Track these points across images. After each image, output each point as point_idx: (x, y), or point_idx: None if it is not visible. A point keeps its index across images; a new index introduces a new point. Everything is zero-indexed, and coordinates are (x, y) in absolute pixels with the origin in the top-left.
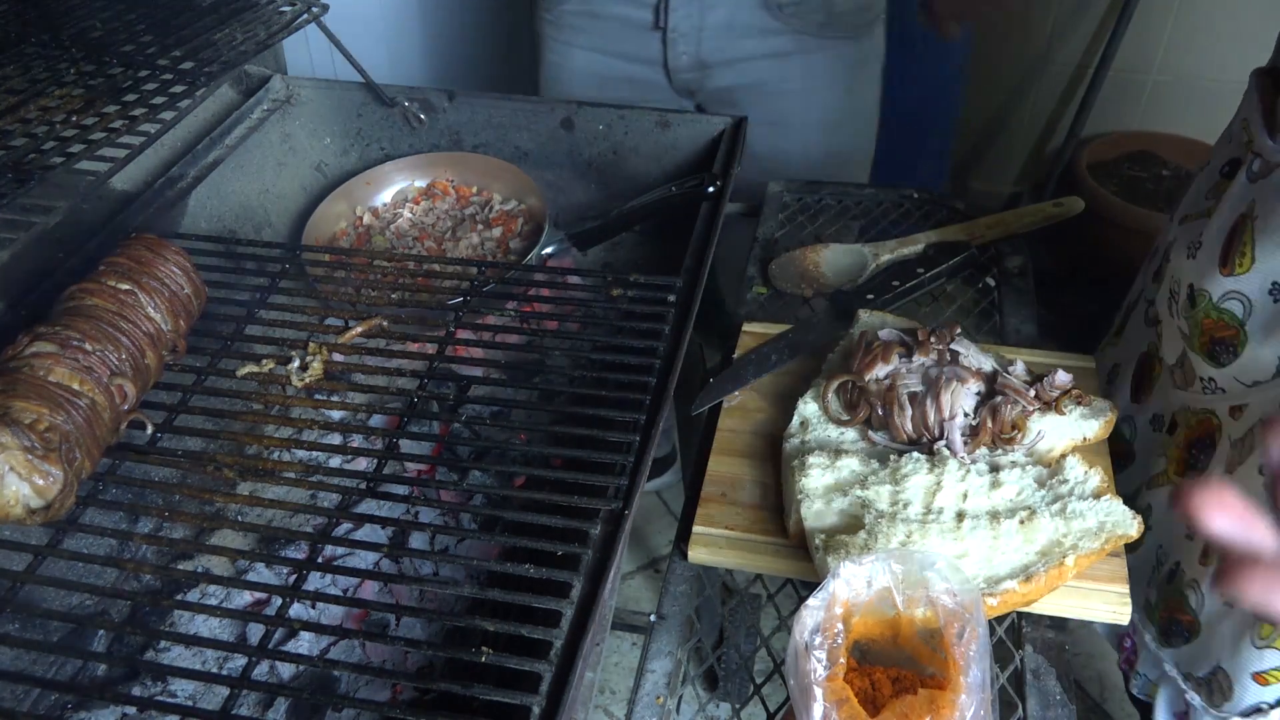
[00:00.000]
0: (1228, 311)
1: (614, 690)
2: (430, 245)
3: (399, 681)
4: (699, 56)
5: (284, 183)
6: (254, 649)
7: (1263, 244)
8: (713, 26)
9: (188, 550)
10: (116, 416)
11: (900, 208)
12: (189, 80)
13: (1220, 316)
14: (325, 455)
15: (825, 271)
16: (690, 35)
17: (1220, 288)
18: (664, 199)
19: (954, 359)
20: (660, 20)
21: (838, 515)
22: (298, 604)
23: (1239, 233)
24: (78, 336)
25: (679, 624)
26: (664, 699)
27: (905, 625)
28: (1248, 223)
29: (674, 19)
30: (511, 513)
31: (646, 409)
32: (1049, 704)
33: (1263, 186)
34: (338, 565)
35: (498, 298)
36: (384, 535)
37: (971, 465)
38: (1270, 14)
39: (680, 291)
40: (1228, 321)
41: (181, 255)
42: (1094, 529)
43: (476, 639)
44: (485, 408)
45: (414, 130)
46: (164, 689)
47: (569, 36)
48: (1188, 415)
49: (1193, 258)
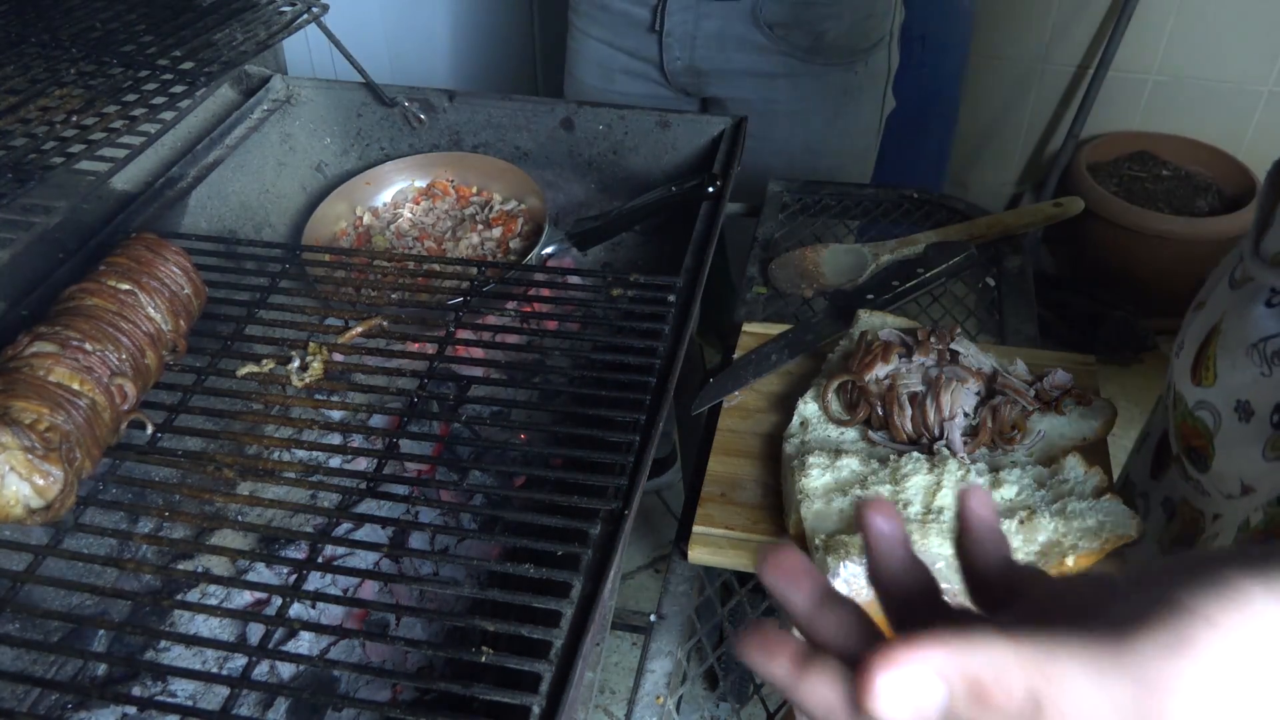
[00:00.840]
0: (1200, 421)
1: (614, 690)
2: (430, 245)
3: (399, 681)
4: (692, 63)
5: (284, 183)
6: (254, 649)
7: (1223, 359)
8: (705, 35)
9: (188, 550)
10: (117, 416)
11: (900, 208)
12: (189, 80)
13: (1194, 424)
14: (325, 455)
15: (825, 271)
16: (685, 41)
17: (1193, 396)
18: (664, 199)
19: (954, 359)
20: (657, 23)
21: (838, 515)
22: (298, 604)
23: (1208, 343)
24: (78, 336)
25: (679, 624)
26: (664, 699)
27: None
28: (1215, 334)
29: (670, 23)
30: (511, 513)
31: (647, 409)
32: None
33: (1236, 297)
34: (338, 565)
35: (498, 298)
36: (384, 535)
37: (971, 465)
38: (1270, 14)
39: (680, 291)
40: (1200, 431)
41: (181, 255)
42: (1094, 529)
43: (476, 639)
44: (485, 408)
45: (414, 130)
46: (164, 689)
47: (585, 25)
48: (1185, 509)
49: (1176, 356)
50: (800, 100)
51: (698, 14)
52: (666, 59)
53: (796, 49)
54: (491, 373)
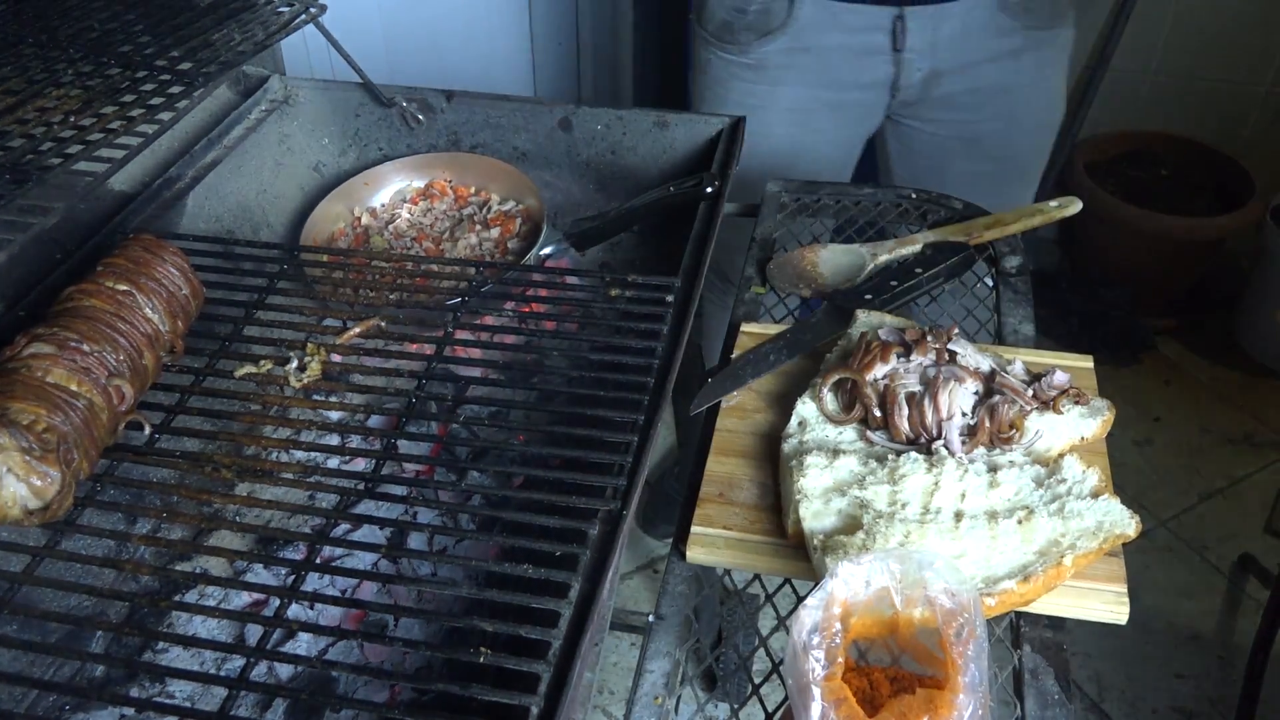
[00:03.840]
0: None
1: (613, 690)
2: (428, 246)
3: (397, 682)
4: (933, 68)
5: (282, 183)
6: (252, 650)
7: None
8: (948, 38)
9: (186, 551)
10: (114, 417)
11: (898, 207)
12: (187, 81)
13: None
14: (323, 456)
15: (823, 271)
16: (926, 51)
17: None
18: (662, 199)
19: (952, 359)
20: (899, 42)
21: (836, 515)
22: (296, 605)
23: None
24: (75, 338)
25: (677, 624)
26: (662, 699)
27: (903, 625)
28: None
29: (910, 39)
30: (510, 513)
31: (645, 409)
32: (1047, 704)
33: None
34: (336, 566)
35: (496, 298)
36: (382, 536)
37: (969, 465)
38: (1267, 14)
39: (678, 292)
40: None
41: (179, 256)
42: (1092, 529)
43: (475, 639)
44: (483, 408)
45: (412, 131)
46: (162, 690)
47: (775, 76)
48: None
49: None
50: (1040, 66)
51: (936, 20)
52: (904, 74)
53: (1041, 18)
54: (490, 373)
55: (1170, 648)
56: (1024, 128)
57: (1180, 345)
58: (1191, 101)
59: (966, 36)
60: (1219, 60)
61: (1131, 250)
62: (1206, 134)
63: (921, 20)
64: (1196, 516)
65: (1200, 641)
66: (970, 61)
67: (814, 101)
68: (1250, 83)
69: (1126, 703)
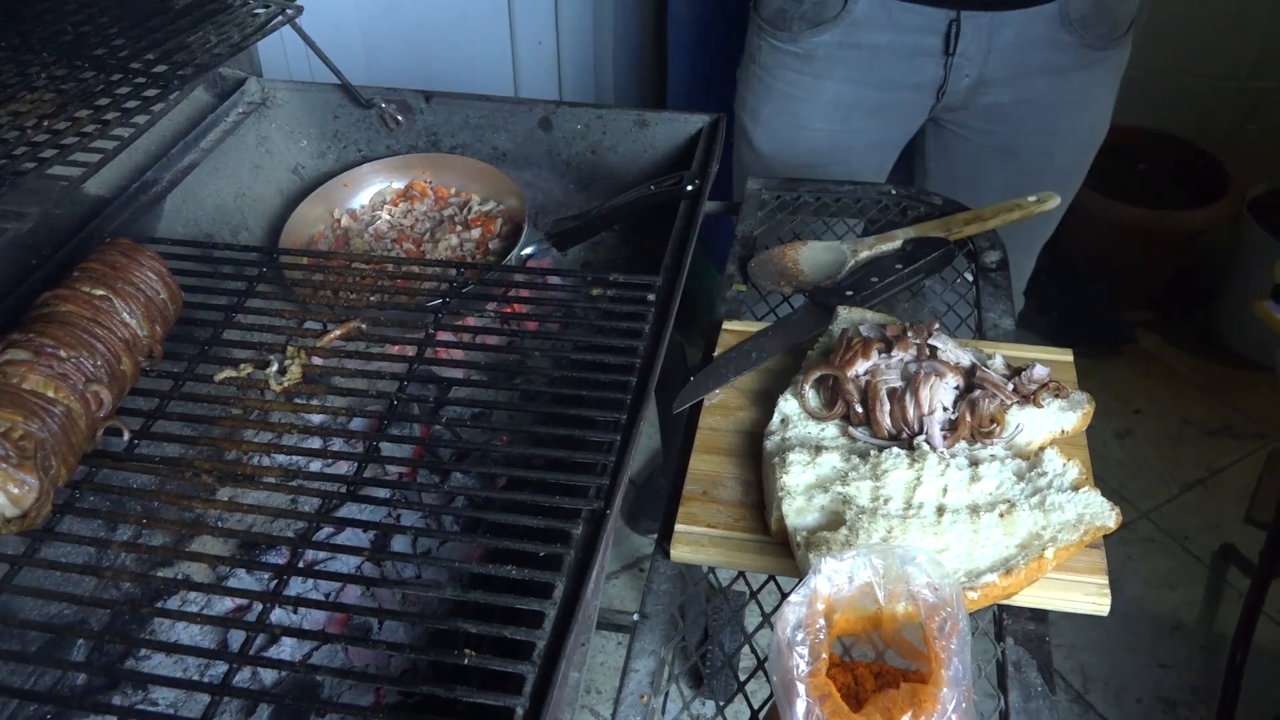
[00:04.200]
0: None
1: (600, 690)
2: (409, 247)
3: (382, 685)
4: (982, 76)
5: (260, 186)
6: (235, 655)
7: None
8: (1001, 47)
9: (167, 557)
10: (92, 424)
11: (878, 204)
12: (162, 83)
13: None
14: (305, 459)
15: (804, 269)
16: (977, 58)
17: None
18: (643, 198)
19: (932, 354)
20: (951, 46)
21: (819, 512)
22: (279, 609)
23: None
24: (52, 343)
25: (662, 623)
26: (648, 698)
27: (887, 620)
28: None
29: (963, 44)
30: (493, 514)
31: (627, 408)
32: (1030, 695)
33: None
34: (319, 570)
35: (477, 299)
36: (366, 539)
37: (951, 460)
38: (1241, 10)
39: (660, 290)
40: None
41: (157, 260)
42: (1072, 521)
43: (459, 641)
44: (466, 409)
45: (391, 132)
46: (145, 697)
47: (823, 69)
48: None
49: None
50: (1088, 85)
51: (992, 27)
52: (953, 79)
53: (1097, 37)
54: (472, 374)
55: (1153, 638)
56: (1065, 145)
57: (1159, 338)
58: (1168, 96)
59: (1021, 48)
60: (1195, 55)
61: (1110, 244)
62: (1183, 128)
63: (978, 26)
64: (1177, 507)
65: (1183, 631)
66: (1021, 73)
67: (857, 99)
68: (1226, 77)
69: (1111, 693)
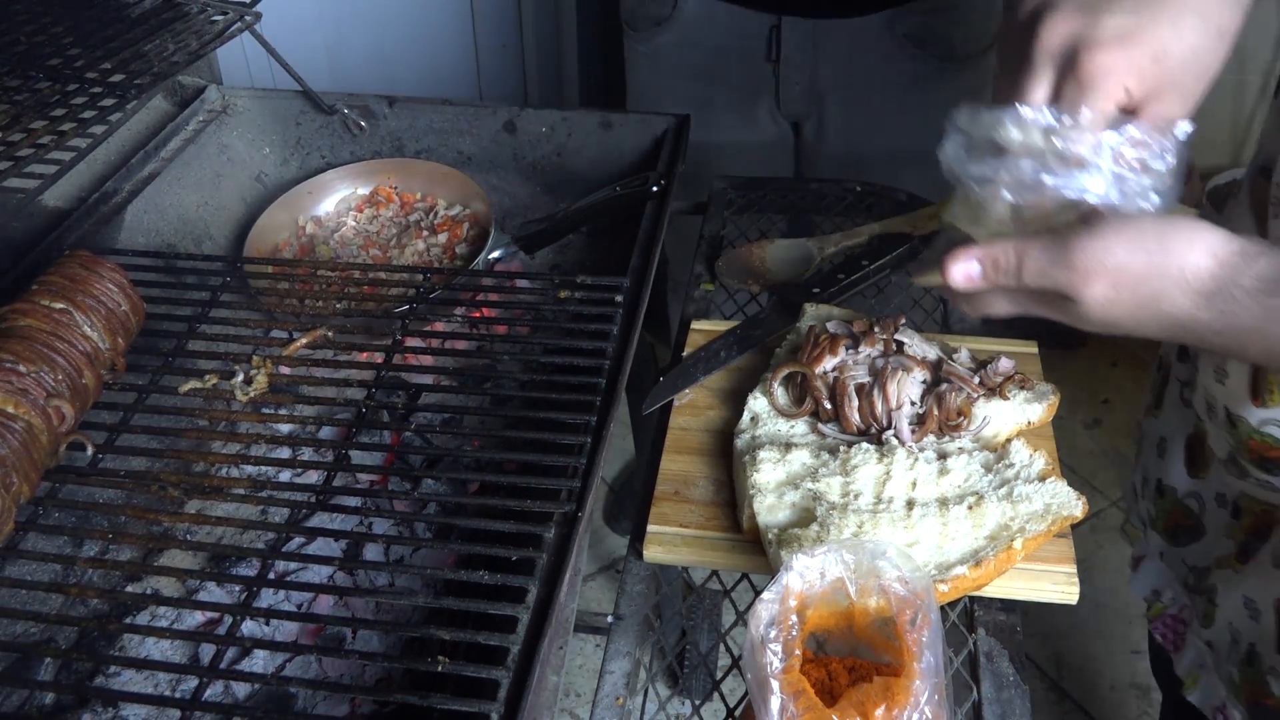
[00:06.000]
0: (1270, 435)
1: (579, 693)
2: (375, 253)
3: (357, 695)
4: (813, 86)
5: (223, 194)
6: (206, 669)
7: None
8: (830, 57)
9: (135, 572)
10: (54, 439)
11: (844, 201)
12: (119, 93)
13: (1264, 439)
14: (274, 470)
15: (771, 267)
16: (805, 66)
17: (1255, 416)
18: (609, 199)
19: (899, 349)
20: (773, 52)
21: (790, 509)
22: (250, 621)
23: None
24: (10, 358)
25: (637, 624)
26: (624, 700)
27: (859, 615)
28: None
29: (787, 49)
30: (466, 520)
31: (597, 410)
32: (1003, 685)
33: None
34: (290, 581)
35: (445, 304)
36: (337, 548)
37: (920, 454)
38: None
39: (627, 291)
40: (1272, 444)
41: (117, 271)
42: (1040, 511)
43: (433, 648)
44: (436, 415)
45: (355, 137)
46: (115, 715)
47: (667, 68)
48: (1250, 502)
49: (1221, 383)
50: (933, 106)
51: (817, 35)
52: (783, 87)
53: (930, 56)
54: (441, 380)
55: (1125, 625)
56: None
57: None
58: None
59: (851, 59)
60: None
61: None
62: None
63: (801, 33)
64: None
65: None
66: (854, 84)
67: (708, 100)
68: None
69: (1085, 680)
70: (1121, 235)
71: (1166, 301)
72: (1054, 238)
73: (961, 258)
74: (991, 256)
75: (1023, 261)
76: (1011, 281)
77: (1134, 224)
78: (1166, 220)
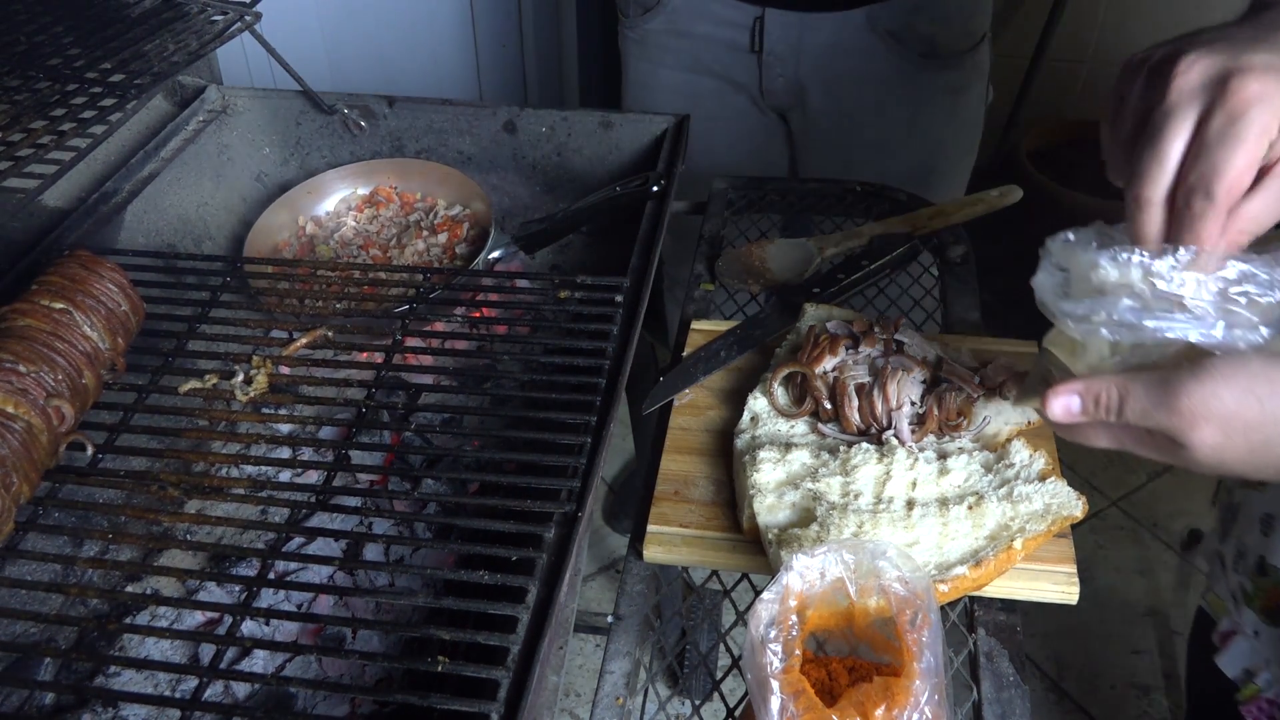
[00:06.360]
0: None
1: (579, 693)
2: (375, 253)
3: (357, 695)
4: (796, 78)
5: (223, 194)
6: (206, 669)
7: None
8: (813, 50)
9: (135, 572)
10: (54, 439)
11: (843, 201)
12: (119, 93)
13: None
14: (274, 470)
15: (771, 267)
16: (788, 59)
17: None
18: (609, 199)
19: (899, 349)
20: (756, 43)
21: (790, 509)
22: (251, 621)
23: None
24: (10, 358)
25: (637, 624)
26: (624, 699)
27: (859, 615)
28: None
29: (770, 41)
30: (466, 520)
31: (597, 410)
32: (1003, 685)
33: None
34: (290, 581)
35: (445, 304)
36: (337, 548)
37: (920, 454)
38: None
39: (627, 292)
40: None
41: (117, 271)
42: (1040, 511)
43: (433, 648)
44: (436, 415)
45: (355, 137)
46: (115, 715)
47: (656, 55)
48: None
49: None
50: (914, 102)
51: (801, 29)
52: (766, 78)
53: (911, 53)
54: (441, 380)
55: (1126, 625)
56: (895, 169)
57: None
58: None
59: (834, 53)
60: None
61: None
62: None
63: (785, 26)
64: (1147, 494)
65: (1155, 617)
66: (837, 80)
67: (693, 89)
68: None
69: (1085, 680)
70: (1230, 381)
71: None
72: (1158, 378)
73: (1063, 392)
74: (1093, 393)
75: (1125, 401)
76: (1113, 419)
77: (1243, 366)
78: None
